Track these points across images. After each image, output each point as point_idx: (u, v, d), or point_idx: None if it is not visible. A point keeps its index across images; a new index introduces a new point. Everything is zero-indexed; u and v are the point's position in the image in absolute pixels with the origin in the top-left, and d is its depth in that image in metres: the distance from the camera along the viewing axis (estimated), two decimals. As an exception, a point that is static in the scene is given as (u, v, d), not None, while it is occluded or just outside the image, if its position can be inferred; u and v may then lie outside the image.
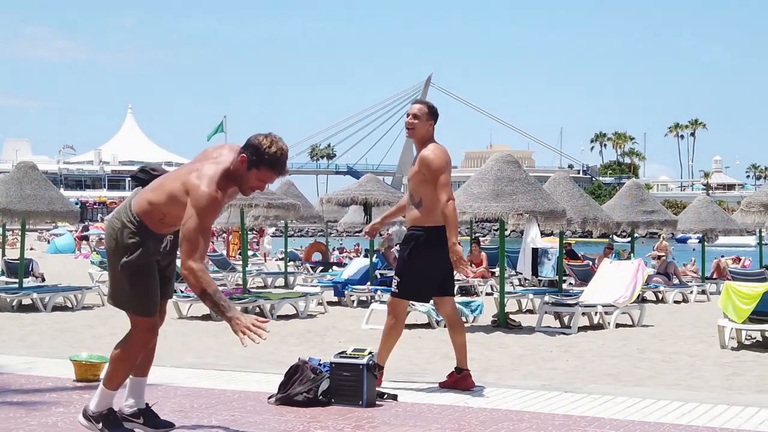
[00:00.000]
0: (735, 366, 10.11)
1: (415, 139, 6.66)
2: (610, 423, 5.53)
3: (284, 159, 4.62)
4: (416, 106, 6.73)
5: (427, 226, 6.57)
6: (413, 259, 6.61)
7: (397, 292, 6.70)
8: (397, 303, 6.75)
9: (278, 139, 4.61)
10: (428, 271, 6.61)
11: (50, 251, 42.24)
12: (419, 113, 6.63)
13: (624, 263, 15.75)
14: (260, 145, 4.57)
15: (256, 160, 4.56)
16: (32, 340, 11.87)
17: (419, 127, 6.62)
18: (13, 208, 16.13)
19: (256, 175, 4.61)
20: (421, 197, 6.60)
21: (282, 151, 4.60)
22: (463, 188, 14.37)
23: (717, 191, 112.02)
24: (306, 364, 6.15)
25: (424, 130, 6.64)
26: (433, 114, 6.68)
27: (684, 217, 22.37)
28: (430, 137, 6.67)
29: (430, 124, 6.66)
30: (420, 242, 6.59)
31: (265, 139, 4.59)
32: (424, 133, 6.64)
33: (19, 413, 5.63)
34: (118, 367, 4.93)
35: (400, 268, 6.74)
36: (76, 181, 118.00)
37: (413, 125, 6.62)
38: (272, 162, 4.58)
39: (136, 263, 4.76)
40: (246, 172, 4.60)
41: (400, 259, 6.81)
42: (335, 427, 5.33)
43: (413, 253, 6.61)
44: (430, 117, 6.66)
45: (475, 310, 14.19)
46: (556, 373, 9.43)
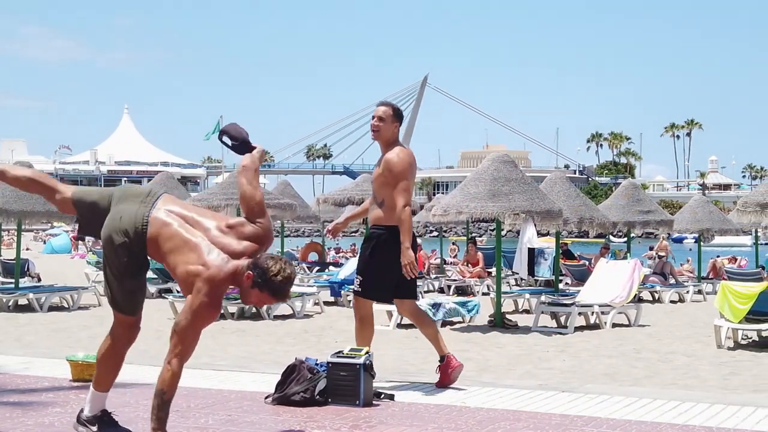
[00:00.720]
0: (731, 366, 10.12)
1: (381, 141, 6.73)
2: (606, 423, 5.53)
3: (289, 287, 4.64)
4: (381, 108, 6.75)
5: (389, 225, 6.64)
6: (375, 257, 6.68)
7: (359, 291, 6.74)
8: (362, 303, 6.79)
9: (286, 266, 4.59)
10: (389, 270, 6.65)
11: (46, 251, 42.22)
12: (384, 115, 6.68)
13: (620, 263, 15.76)
14: (268, 270, 4.56)
15: (260, 283, 4.57)
16: (28, 340, 11.86)
17: (384, 129, 6.69)
18: (9, 207, 16.11)
19: (258, 295, 4.63)
20: (383, 198, 6.67)
21: (288, 280, 4.60)
22: (459, 188, 14.38)
23: (713, 191, 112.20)
24: (303, 363, 6.15)
25: (389, 132, 6.71)
26: (398, 116, 6.76)
27: (680, 217, 22.40)
28: (395, 139, 6.74)
29: (395, 126, 6.73)
30: (381, 241, 6.66)
31: (275, 264, 4.57)
32: (389, 135, 6.71)
33: (15, 413, 5.62)
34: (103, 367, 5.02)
35: (362, 267, 6.79)
36: (72, 181, 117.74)
37: (378, 127, 6.68)
38: (275, 289, 4.59)
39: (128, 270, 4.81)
40: (248, 288, 4.63)
41: (362, 257, 6.85)
42: (332, 427, 5.33)
43: (375, 252, 6.68)
44: (395, 119, 6.73)
45: (471, 310, 14.19)
46: (553, 372, 9.43)
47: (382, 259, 6.64)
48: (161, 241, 4.65)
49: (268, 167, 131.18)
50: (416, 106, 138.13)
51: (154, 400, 4.59)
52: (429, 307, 13.70)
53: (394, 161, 6.60)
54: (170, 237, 4.64)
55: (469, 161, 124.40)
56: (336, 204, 19.71)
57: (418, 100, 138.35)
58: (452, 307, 14.00)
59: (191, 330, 4.63)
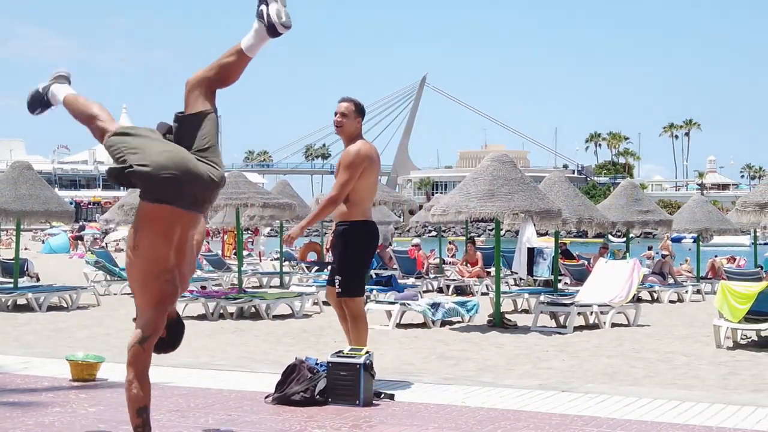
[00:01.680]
0: (731, 365, 10.12)
1: (344, 136, 6.84)
2: (607, 422, 5.53)
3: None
4: (344, 104, 6.86)
5: (354, 220, 6.75)
6: (348, 253, 6.75)
7: (343, 292, 6.74)
8: (351, 302, 6.78)
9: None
10: (363, 263, 6.82)
11: (45, 251, 42.19)
12: (347, 111, 6.81)
13: (620, 263, 15.75)
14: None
15: None
16: (27, 340, 11.85)
17: (347, 125, 6.82)
18: (8, 207, 16.09)
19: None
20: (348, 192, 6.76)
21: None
22: (459, 188, 14.38)
23: (711, 191, 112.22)
24: (303, 363, 6.15)
25: (352, 128, 6.83)
26: (361, 111, 6.88)
27: (679, 217, 22.40)
28: (358, 134, 6.85)
29: (357, 121, 6.85)
30: (351, 237, 6.75)
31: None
32: (352, 131, 6.83)
33: (15, 413, 5.62)
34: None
35: (340, 266, 6.80)
36: (70, 181, 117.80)
37: (341, 123, 6.81)
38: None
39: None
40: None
41: (338, 256, 6.86)
42: (332, 427, 5.32)
43: (347, 248, 6.76)
44: (358, 114, 6.85)
45: (470, 310, 14.19)
46: (552, 372, 9.43)
47: (355, 254, 6.75)
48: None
49: (267, 167, 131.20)
50: (415, 105, 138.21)
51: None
52: (428, 307, 13.72)
53: (346, 153, 6.76)
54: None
55: (467, 161, 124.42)
56: (335, 204, 19.67)
57: (417, 100, 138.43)
58: (451, 306, 14.00)
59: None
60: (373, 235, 6.84)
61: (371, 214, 6.90)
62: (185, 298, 15.04)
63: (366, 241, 6.78)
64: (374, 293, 16.17)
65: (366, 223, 6.77)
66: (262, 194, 18.35)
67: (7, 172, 17.04)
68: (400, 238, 51.18)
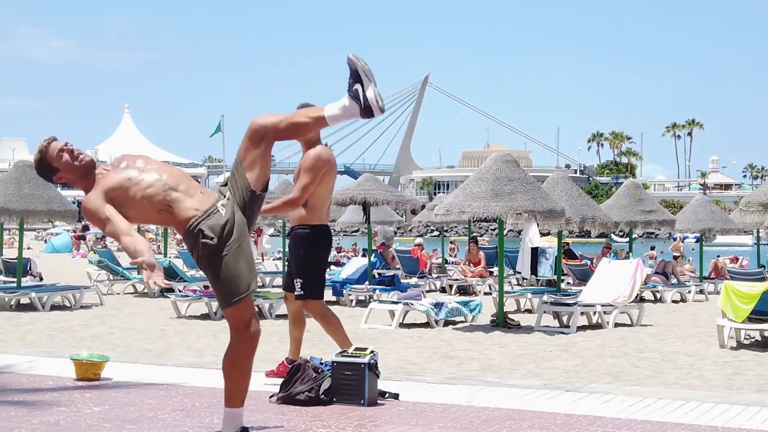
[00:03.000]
0: (735, 365, 10.12)
1: (303, 141, 6.87)
2: (612, 422, 5.53)
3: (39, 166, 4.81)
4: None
5: (313, 224, 6.80)
6: (309, 256, 6.81)
7: (304, 294, 6.79)
8: (314, 305, 6.83)
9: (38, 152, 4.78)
10: (323, 266, 6.89)
11: (47, 250, 42.24)
12: None
13: (623, 263, 15.75)
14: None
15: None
16: (31, 339, 11.86)
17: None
18: (11, 207, 16.10)
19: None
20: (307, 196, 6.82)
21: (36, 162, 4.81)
22: (462, 188, 14.37)
23: (714, 191, 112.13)
24: (307, 363, 6.15)
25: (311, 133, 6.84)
26: None
27: (682, 217, 22.38)
28: (317, 139, 6.88)
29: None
30: (310, 241, 6.80)
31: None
32: (312, 136, 6.85)
33: (20, 412, 5.62)
34: (230, 378, 4.65)
35: (300, 269, 6.83)
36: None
37: None
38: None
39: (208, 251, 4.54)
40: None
41: (296, 259, 6.90)
42: (337, 426, 5.32)
43: (308, 251, 6.81)
44: None
45: (474, 309, 14.19)
46: (556, 372, 9.43)
47: (315, 257, 6.82)
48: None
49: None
50: (417, 105, 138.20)
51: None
52: (431, 307, 13.72)
53: (306, 158, 6.78)
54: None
55: (470, 161, 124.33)
56: (338, 204, 19.65)
57: (419, 100, 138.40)
58: (455, 306, 14.00)
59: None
60: (330, 238, 6.97)
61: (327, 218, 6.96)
62: (188, 297, 15.06)
63: (325, 244, 6.89)
64: (377, 293, 16.18)
65: (324, 227, 6.88)
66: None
67: (11, 171, 17.05)
68: (403, 238, 51.18)
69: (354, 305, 16.89)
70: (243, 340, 4.58)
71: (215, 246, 4.51)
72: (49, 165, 4.77)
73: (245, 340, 4.59)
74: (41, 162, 4.77)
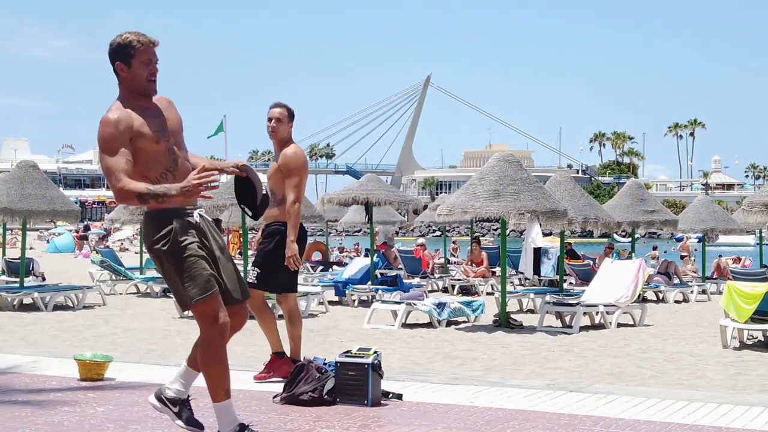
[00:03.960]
0: (738, 366, 10.11)
1: (277, 140, 7.06)
2: (615, 422, 5.53)
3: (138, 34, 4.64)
4: (277, 110, 7.07)
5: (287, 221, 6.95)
6: (278, 251, 6.93)
7: (255, 283, 6.94)
8: (258, 295, 6.97)
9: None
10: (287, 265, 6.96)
11: (50, 251, 42.25)
12: (281, 116, 7.06)
13: (625, 263, 15.75)
14: (116, 43, 4.60)
15: (125, 54, 4.59)
16: (34, 339, 11.86)
17: (282, 130, 7.06)
18: (14, 207, 16.11)
19: (135, 63, 4.61)
20: (283, 194, 6.99)
21: (131, 32, 4.64)
22: (464, 188, 14.37)
23: (716, 191, 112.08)
24: (311, 363, 6.16)
25: (285, 132, 7.08)
26: (292, 116, 7.13)
27: (684, 217, 22.37)
28: (290, 137, 7.09)
29: (290, 126, 7.12)
30: (283, 237, 6.94)
31: (117, 38, 4.62)
32: (285, 135, 7.07)
33: (24, 412, 5.62)
34: (210, 373, 4.67)
35: (262, 260, 7.01)
36: (75, 181, 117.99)
37: (276, 129, 7.04)
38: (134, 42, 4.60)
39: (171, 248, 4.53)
40: (130, 70, 4.60)
41: (263, 251, 7.06)
42: (341, 427, 5.32)
43: (278, 246, 6.94)
44: (290, 119, 7.11)
45: (476, 309, 14.18)
46: (559, 372, 9.43)
47: (281, 255, 6.92)
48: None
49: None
50: (419, 105, 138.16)
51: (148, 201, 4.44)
52: (434, 307, 13.71)
53: (291, 157, 6.95)
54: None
55: (472, 161, 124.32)
56: (341, 204, 19.68)
57: (421, 100, 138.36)
58: (457, 306, 14.00)
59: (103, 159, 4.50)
60: (305, 236, 7.14)
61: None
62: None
63: (303, 242, 7.07)
64: (380, 293, 16.18)
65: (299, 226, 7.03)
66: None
67: (13, 171, 17.06)
68: (405, 238, 51.19)
69: (356, 305, 16.89)
70: (218, 334, 4.59)
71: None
72: None
73: (220, 334, 4.60)
74: None
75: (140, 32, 4.66)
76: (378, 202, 18.79)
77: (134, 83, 4.62)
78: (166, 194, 4.40)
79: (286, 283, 7.06)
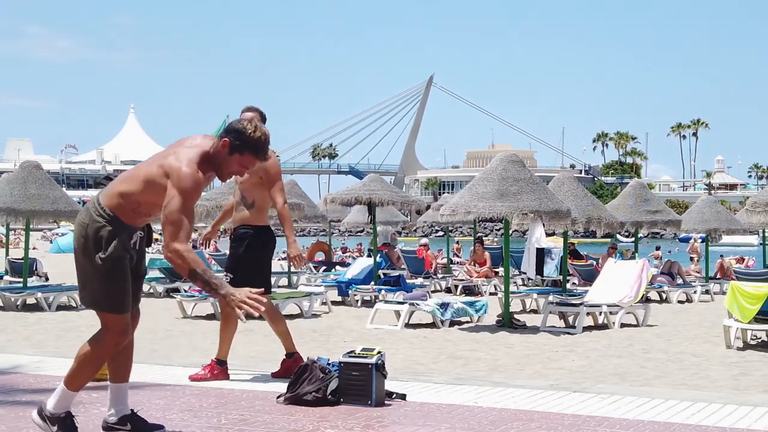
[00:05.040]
0: (741, 366, 10.10)
1: None
2: (619, 423, 5.52)
3: (267, 144, 4.63)
4: (249, 114, 7.08)
5: (258, 225, 7.06)
6: (248, 255, 7.00)
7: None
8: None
9: (261, 125, 4.59)
10: (258, 267, 7.02)
11: (53, 251, 42.30)
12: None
13: (629, 263, 15.74)
14: (244, 130, 4.53)
15: (239, 145, 4.52)
16: (37, 339, 11.87)
17: None
18: (17, 207, 16.13)
19: (239, 160, 4.55)
20: (254, 199, 7.05)
21: (265, 136, 4.59)
22: (468, 188, 14.37)
23: (719, 191, 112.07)
24: (315, 363, 6.15)
25: None
26: (264, 120, 7.19)
27: (687, 217, 22.38)
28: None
29: None
30: (257, 240, 7.02)
31: (249, 124, 4.56)
32: None
33: (28, 412, 5.61)
34: (84, 368, 4.84)
35: (233, 265, 7.08)
36: (78, 181, 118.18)
37: None
38: (257, 146, 4.55)
39: (110, 258, 4.59)
40: (227, 157, 4.54)
41: (233, 255, 7.13)
42: (345, 427, 5.32)
43: (247, 251, 7.01)
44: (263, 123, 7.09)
45: (479, 310, 14.18)
46: (563, 372, 9.42)
47: (253, 257, 6.99)
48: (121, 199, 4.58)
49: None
50: (422, 105, 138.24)
51: (197, 284, 4.43)
52: (437, 307, 13.71)
53: (271, 164, 6.99)
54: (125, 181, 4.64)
55: (474, 161, 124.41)
56: (344, 204, 19.68)
57: (424, 100, 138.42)
58: (460, 307, 14.00)
59: (183, 208, 4.41)
60: (274, 239, 7.19)
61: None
62: (194, 297, 15.06)
63: (273, 245, 7.16)
64: (383, 293, 16.18)
65: (268, 228, 7.13)
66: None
67: (17, 171, 17.08)
68: (408, 238, 51.21)
69: (359, 305, 16.89)
70: (116, 344, 4.79)
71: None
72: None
73: (118, 344, 4.80)
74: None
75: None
76: (381, 202, 18.80)
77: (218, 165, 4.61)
78: (215, 290, 4.43)
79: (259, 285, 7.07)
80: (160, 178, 4.49)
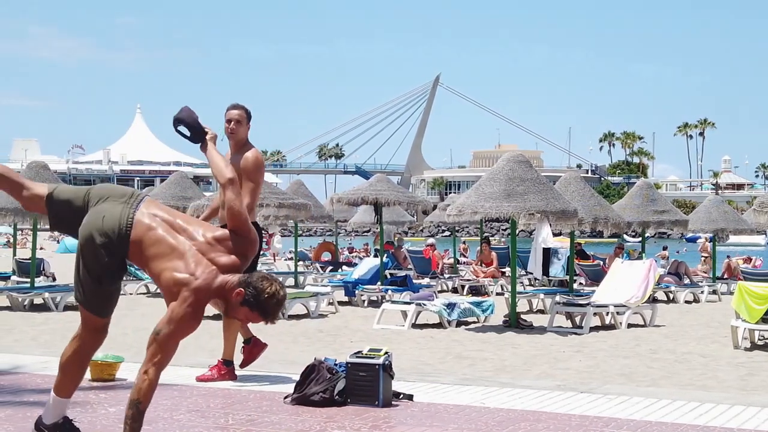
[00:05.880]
0: (749, 366, 10.08)
1: (235, 141, 7.08)
2: (627, 423, 5.51)
3: (279, 309, 4.54)
4: (235, 112, 7.09)
5: None
6: None
7: None
8: None
9: (279, 289, 4.48)
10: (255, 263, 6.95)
11: (60, 251, 42.35)
12: (240, 118, 7.09)
13: (636, 263, 15.71)
14: (263, 291, 4.45)
15: (252, 302, 4.46)
16: (44, 340, 11.89)
17: (241, 131, 7.09)
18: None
19: (246, 313, 4.52)
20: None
21: (280, 302, 4.49)
22: (474, 188, 14.36)
23: (726, 191, 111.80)
24: (322, 364, 6.16)
25: (244, 134, 7.11)
26: (250, 117, 7.18)
27: (695, 217, 22.33)
28: (247, 139, 7.12)
29: (248, 128, 7.16)
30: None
31: (269, 286, 4.46)
32: (243, 136, 7.09)
33: (35, 412, 5.62)
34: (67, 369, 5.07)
35: None
36: (85, 181, 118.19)
37: (235, 130, 7.06)
38: (266, 310, 4.48)
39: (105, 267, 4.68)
40: (238, 305, 4.51)
41: None
42: (352, 427, 5.32)
43: None
44: (248, 121, 7.15)
45: (486, 310, 14.17)
46: (570, 373, 9.41)
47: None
48: (145, 245, 4.49)
49: (280, 167, 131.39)
50: (428, 105, 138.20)
51: (127, 410, 4.39)
52: (444, 307, 13.71)
53: (253, 162, 6.97)
54: (155, 242, 4.49)
55: (481, 161, 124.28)
56: (350, 204, 19.69)
57: (430, 100, 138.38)
58: (467, 307, 13.99)
59: (172, 340, 4.47)
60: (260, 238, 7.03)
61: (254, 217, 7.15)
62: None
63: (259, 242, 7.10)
64: (389, 293, 16.18)
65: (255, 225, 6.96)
66: (277, 194, 18.41)
67: (24, 172, 17.09)
68: (414, 238, 51.17)
69: (366, 306, 16.89)
70: (97, 340, 4.97)
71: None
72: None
73: (98, 341, 4.98)
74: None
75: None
76: (387, 202, 18.80)
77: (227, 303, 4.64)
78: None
79: None
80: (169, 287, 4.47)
